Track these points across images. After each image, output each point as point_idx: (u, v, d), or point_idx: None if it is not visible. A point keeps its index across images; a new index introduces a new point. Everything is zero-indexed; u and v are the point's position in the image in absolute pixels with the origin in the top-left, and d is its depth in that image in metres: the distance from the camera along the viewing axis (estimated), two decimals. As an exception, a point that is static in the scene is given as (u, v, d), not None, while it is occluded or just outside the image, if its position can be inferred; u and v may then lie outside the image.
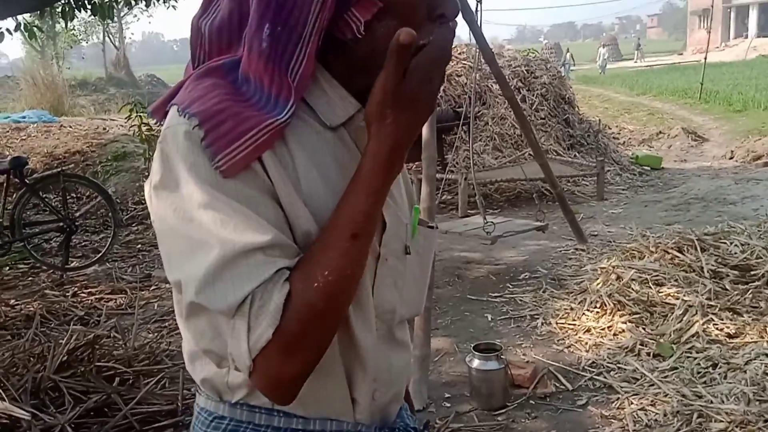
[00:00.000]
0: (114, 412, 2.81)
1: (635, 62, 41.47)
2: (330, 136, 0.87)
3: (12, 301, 4.63)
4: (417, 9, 0.82)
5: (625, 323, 3.86)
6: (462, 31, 5.05)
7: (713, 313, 3.76)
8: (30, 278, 5.35)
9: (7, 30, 6.68)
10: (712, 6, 23.97)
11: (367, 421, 0.94)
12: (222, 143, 0.75)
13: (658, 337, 3.67)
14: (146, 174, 7.35)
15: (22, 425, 2.53)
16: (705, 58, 20.07)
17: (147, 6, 7.06)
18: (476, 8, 4.84)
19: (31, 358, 3.04)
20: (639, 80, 24.68)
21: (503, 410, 3.15)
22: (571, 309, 4.24)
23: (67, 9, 6.66)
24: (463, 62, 9.49)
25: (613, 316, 3.98)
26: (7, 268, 5.58)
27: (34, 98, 12.65)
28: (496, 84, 7.17)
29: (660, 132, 13.51)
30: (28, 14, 7.61)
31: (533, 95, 9.62)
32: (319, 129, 0.86)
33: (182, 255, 0.76)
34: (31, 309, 4.37)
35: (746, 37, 40.34)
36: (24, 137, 8.78)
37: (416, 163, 6.49)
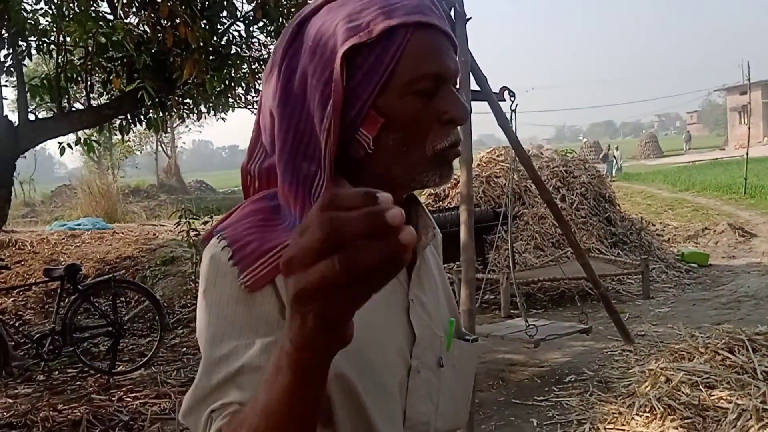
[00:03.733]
0: None
1: (686, 152, 42.56)
2: None
3: (60, 406, 4.70)
4: (419, 118, 0.86)
5: (677, 429, 3.73)
6: (496, 128, 5.21)
7: (769, 418, 3.61)
8: (78, 383, 5.44)
9: (68, 144, 7.12)
10: (750, 102, 24.08)
11: None
12: (247, 261, 0.84)
13: (712, 443, 3.52)
14: (193, 278, 7.55)
15: None
16: (747, 153, 19.98)
17: (198, 119, 7.48)
18: (511, 116, 5.01)
19: (77, 465, 3.08)
20: (681, 176, 24.58)
21: None
22: (620, 413, 4.12)
23: (123, 124, 7.10)
24: (501, 164, 9.68)
25: (663, 421, 3.85)
26: (57, 372, 5.70)
27: (89, 206, 13.25)
28: (537, 190, 7.28)
29: (706, 228, 13.32)
30: (88, 129, 8.12)
31: (573, 194, 9.68)
32: None
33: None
34: (78, 414, 4.43)
35: (789, 130, 40.15)
36: (78, 244, 9.14)
37: (456, 263, 6.54)
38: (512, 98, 5.05)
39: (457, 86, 0.91)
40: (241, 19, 6.16)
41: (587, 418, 4.17)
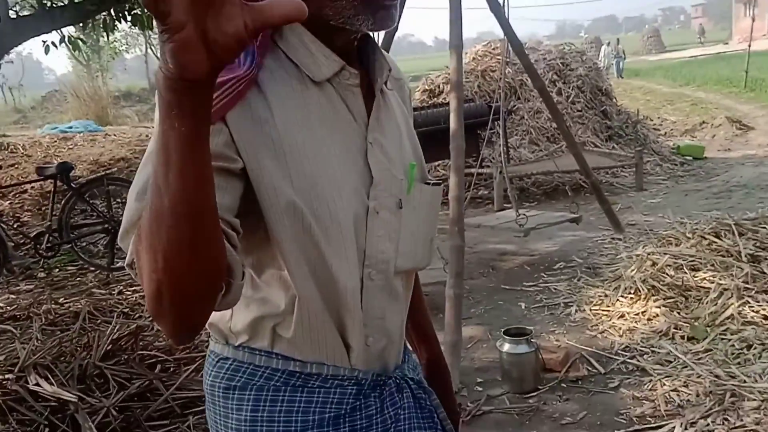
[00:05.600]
0: (156, 397, 2.92)
1: (702, 44, 41.67)
2: (315, 93, 0.93)
3: (61, 300, 4.82)
4: None
5: (660, 308, 3.84)
6: (495, 25, 5.08)
7: (749, 296, 3.71)
8: (78, 278, 5.56)
9: (53, 43, 6.96)
10: (756, -8, 23.30)
11: (363, 367, 1.00)
12: None
13: (693, 320, 3.64)
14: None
15: (69, 408, 2.67)
16: (749, 46, 19.52)
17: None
18: (503, 1, 4.87)
19: (78, 348, 3.19)
20: (682, 71, 24.16)
21: (534, 393, 3.18)
22: (606, 296, 4.23)
23: (107, 21, 6.90)
24: (497, 57, 9.48)
25: (647, 302, 3.96)
26: (57, 269, 5.81)
27: (80, 110, 13.06)
28: (529, 78, 7.16)
29: (703, 122, 13.22)
30: (72, 27, 7.91)
31: (569, 87, 9.54)
32: (304, 86, 0.92)
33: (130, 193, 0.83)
34: (79, 306, 4.54)
35: (795, 23, 39.05)
36: (71, 146, 9.09)
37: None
38: (504, -17, 4.90)
39: None
40: None
41: (574, 300, 4.29)
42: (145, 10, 6.20)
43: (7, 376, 2.85)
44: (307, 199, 0.88)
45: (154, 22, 0.58)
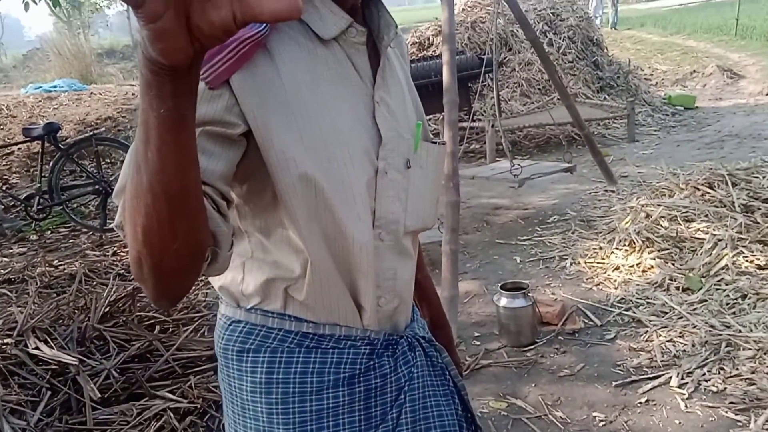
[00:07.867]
0: (156, 358, 2.93)
1: None
2: (323, 52, 0.90)
3: (55, 262, 4.80)
4: None
5: (654, 259, 3.87)
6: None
7: (743, 246, 3.74)
8: (71, 240, 5.53)
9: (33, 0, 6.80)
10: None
11: (375, 327, 0.99)
12: (205, 58, 0.79)
13: (687, 271, 3.67)
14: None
15: (70, 370, 2.67)
16: (740, -8, 19.30)
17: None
18: (496, -51, 4.76)
19: (76, 311, 3.18)
20: (672, 19, 23.89)
21: (532, 346, 3.21)
22: (600, 248, 4.25)
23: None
24: (487, 8, 9.33)
25: (642, 253, 3.98)
26: (49, 232, 5.77)
27: (63, 68, 12.76)
28: (521, 29, 7.05)
29: (694, 71, 13.15)
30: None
31: (560, 38, 9.44)
32: (311, 46, 0.89)
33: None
34: (74, 268, 4.53)
35: (786, -32, 38.53)
36: (56, 106, 8.92)
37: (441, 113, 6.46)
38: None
39: None
40: None
41: (568, 253, 4.31)
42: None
43: (6, 341, 2.85)
44: (319, 162, 0.86)
45: None
